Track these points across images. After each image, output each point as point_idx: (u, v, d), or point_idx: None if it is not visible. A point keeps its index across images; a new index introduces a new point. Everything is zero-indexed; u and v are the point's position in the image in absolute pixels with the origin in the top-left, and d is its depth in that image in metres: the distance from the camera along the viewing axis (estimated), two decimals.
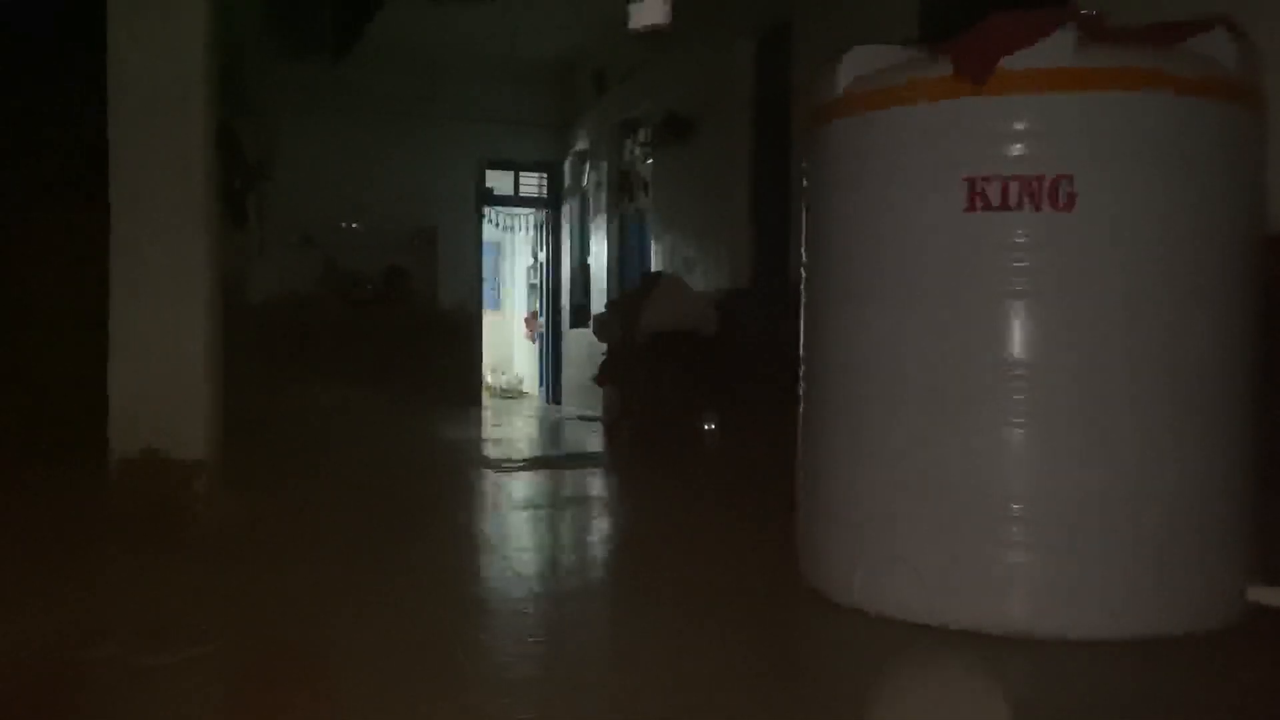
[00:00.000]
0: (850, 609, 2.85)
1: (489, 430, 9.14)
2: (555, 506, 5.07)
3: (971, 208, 2.59)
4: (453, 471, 6.50)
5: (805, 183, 3.22)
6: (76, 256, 4.35)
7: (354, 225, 10.58)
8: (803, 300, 3.22)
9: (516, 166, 11.95)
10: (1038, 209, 2.53)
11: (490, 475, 6.08)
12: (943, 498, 2.70)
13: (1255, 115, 2.72)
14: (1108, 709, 2.23)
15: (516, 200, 12.36)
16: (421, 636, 2.71)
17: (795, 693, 2.42)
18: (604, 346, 7.68)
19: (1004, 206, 2.55)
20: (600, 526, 4.58)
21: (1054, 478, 2.62)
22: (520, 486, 5.60)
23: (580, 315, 11.03)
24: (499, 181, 11.88)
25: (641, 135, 9.23)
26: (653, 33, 4.58)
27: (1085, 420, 2.60)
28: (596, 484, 5.90)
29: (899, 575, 2.75)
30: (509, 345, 14.79)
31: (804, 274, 3.21)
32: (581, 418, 9.62)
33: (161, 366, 4.05)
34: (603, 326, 7.72)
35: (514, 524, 4.60)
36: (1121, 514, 2.59)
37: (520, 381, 14.30)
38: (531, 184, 12.20)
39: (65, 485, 4.15)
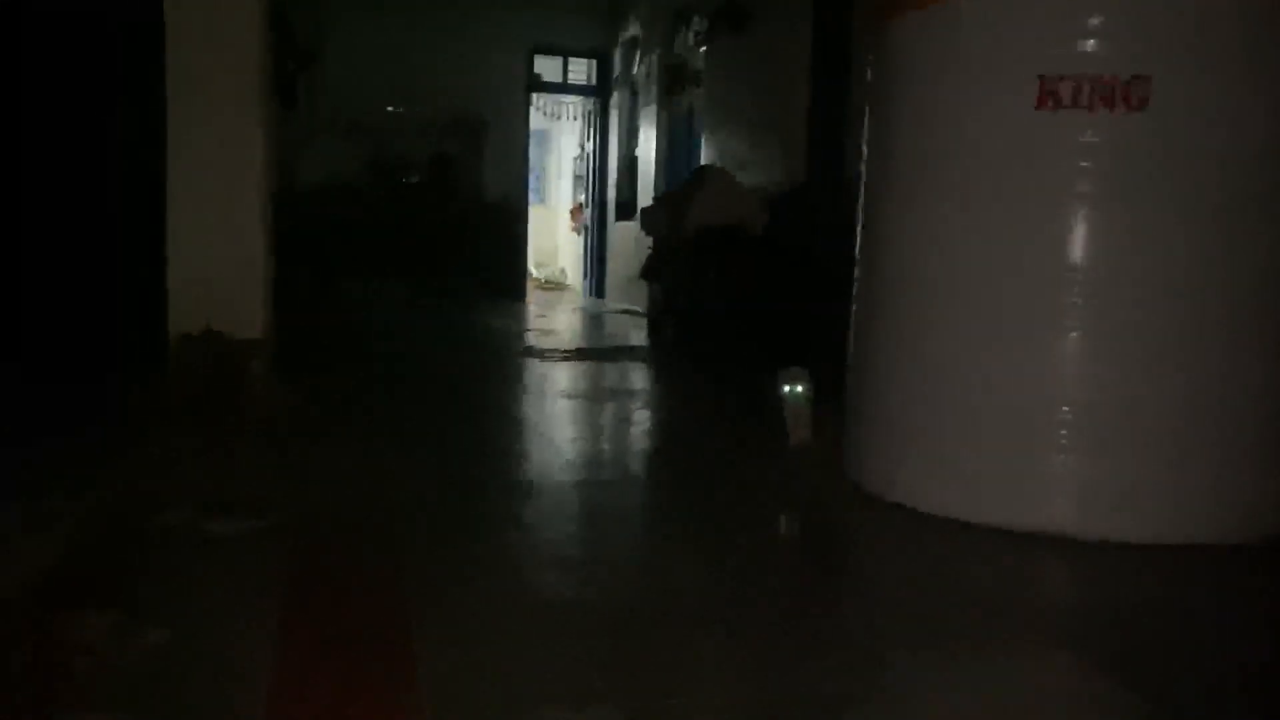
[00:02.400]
0: (892, 505, 2.90)
1: (533, 322, 9.21)
2: (599, 397, 5.14)
3: (1042, 105, 2.53)
4: (499, 360, 6.59)
5: (869, 78, 3.15)
6: (133, 141, 4.37)
7: (401, 110, 10.51)
8: (860, 200, 3.19)
9: (566, 52, 11.75)
10: (1111, 109, 2.47)
11: (535, 365, 6.15)
12: (991, 399, 2.71)
13: None
14: (1141, 611, 2.27)
15: (564, 88, 12.18)
16: (474, 514, 2.81)
17: (831, 578, 2.49)
18: (650, 240, 7.65)
19: (1075, 105, 2.49)
20: (643, 418, 4.64)
21: (1106, 384, 2.61)
22: (565, 376, 5.67)
23: (626, 208, 10.96)
24: (547, 68, 11.70)
25: (696, 24, 9.00)
26: None
27: (1141, 328, 2.58)
28: (640, 377, 5.96)
29: (943, 473, 2.78)
30: (553, 237, 14.76)
31: (863, 173, 3.18)
32: (625, 312, 9.65)
33: (218, 248, 4.12)
34: (649, 220, 7.68)
35: (559, 412, 4.67)
36: (1172, 421, 2.58)
37: (564, 274, 14.32)
38: (580, 71, 12.00)
39: (126, 365, 4.26)
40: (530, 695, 1.70)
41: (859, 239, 3.19)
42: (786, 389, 3.46)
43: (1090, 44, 2.50)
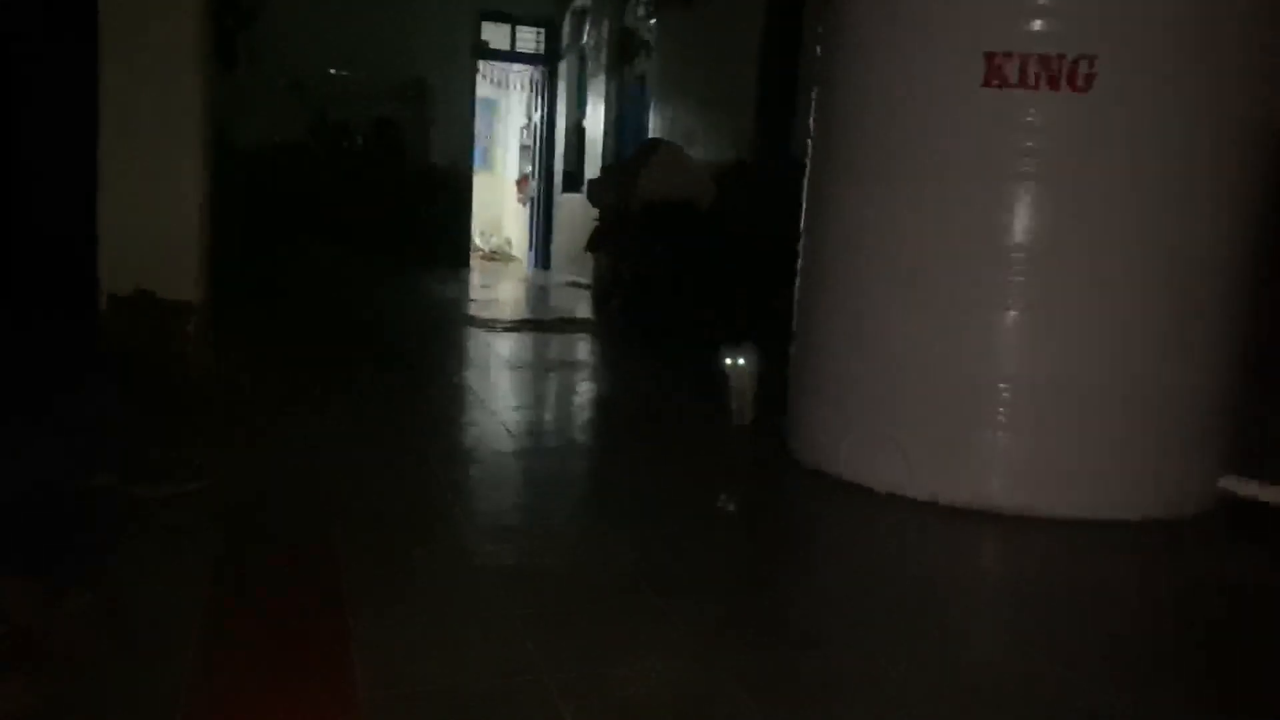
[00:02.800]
0: (833, 478, 2.92)
1: (477, 292, 9.12)
2: (543, 368, 5.11)
3: (988, 84, 2.54)
4: (442, 329, 6.51)
5: (817, 53, 3.14)
6: (66, 96, 4.22)
7: (344, 74, 10.29)
8: (807, 174, 3.19)
9: (513, 20, 11.58)
10: (1055, 89, 2.49)
11: (479, 335, 6.09)
12: (932, 376, 2.74)
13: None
14: (1070, 582, 2.32)
15: (512, 55, 12.01)
16: (414, 482, 2.77)
17: (769, 550, 2.50)
18: (597, 212, 7.60)
19: (1021, 84, 2.51)
20: (586, 389, 4.62)
21: (1044, 362, 2.65)
22: (509, 347, 5.63)
23: (573, 180, 10.87)
24: (495, 35, 11.52)
25: None
26: None
27: (1080, 307, 2.62)
28: (585, 349, 5.94)
29: (884, 449, 2.80)
30: (499, 207, 14.61)
31: (810, 147, 3.17)
32: (571, 284, 9.60)
33: (152, 207, 4.00)
34: (597, 192, 7.62)
35: (502, 382, 4.63)
36: (1107, 400, 2.63)
37: (509, 245, 14.19)
38: (529, 39, 11.84)
39: (56, 326, 4.13)
40: (463, 663, 1.68)
41: (804, 215, 3.20)
42: (730, 363, 3.46)
43: (1037, 23, 2.51)
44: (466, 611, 1.92)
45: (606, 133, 9.95)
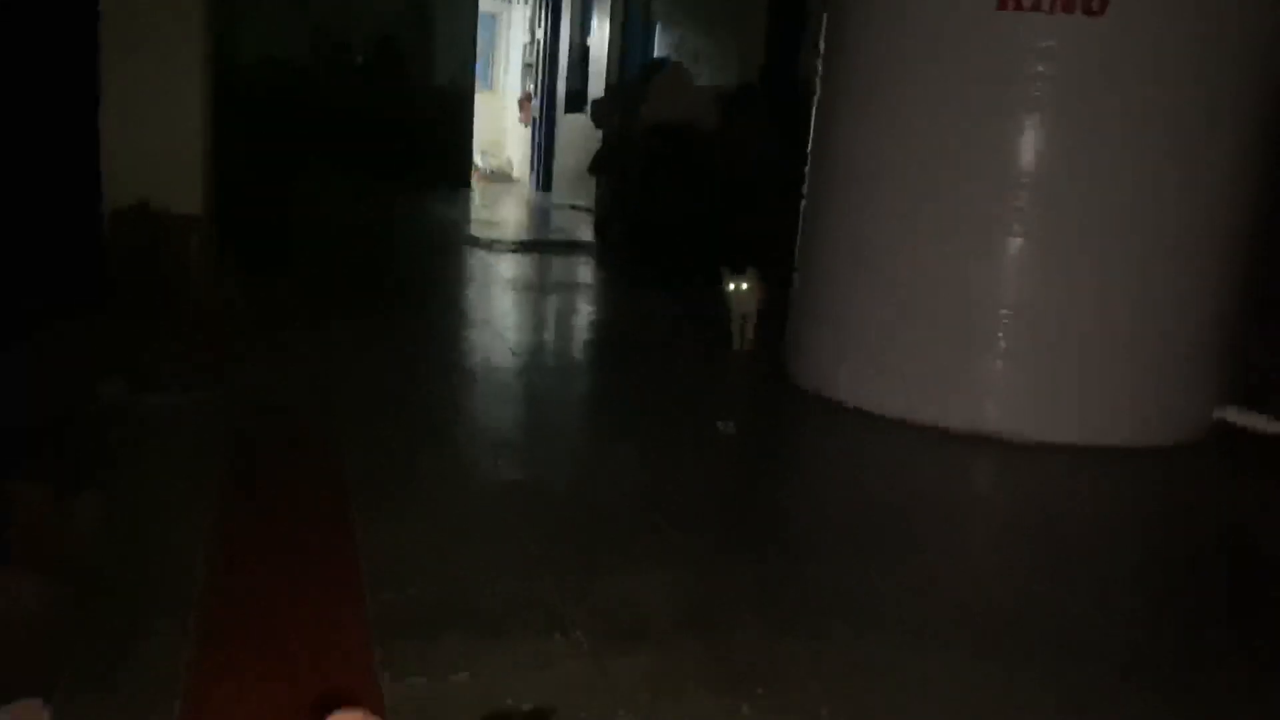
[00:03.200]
0: (832, 402, 2.95)
1: (478, 213, 9.07)
2: (544, 290, 5.12)
3: (1003, 6, 2.50)
4: (443, 250, 6.50)
5: None
6: (66, 7, 4.14)
7: None
8: (815, 99, 3.16)
9: None
10: (1070, 12, 2.45)
11: (481, 255, 6.08)
12: (934, 302, 2.74)
13: None
14: (1063, 506, 2.36)
15: None
16: (417, 397, 2.80)
17: (767, 471, 2.54)
18: (600, 134, 7.52)
19: (1036, 7, 2.47)
20: (587, 311, 4.64)
21: (1046, 289, 2.66)
22: (510, 268, 5.63)
23: (577, 100, 10.73)
24: None
25: None
26: None
27: (1085, 235, 2.62)
28: (586, 272, 5.93)
29: (883, 372, 2.82)
30: (500, 127, 14.44)
31: (819, 71, 3.14)
32: (573, 207, 9.54)
33: (155, 120, 3.96)
34: (600, 113, 7.54)
35: (504, 302, 4.65)
36: (1107, 329, 2.65)
37: (510, 165, 14.06)
38: None
39: (60, 239, 4.12)
40: (468, 570, 1.72)
41: (811, 140, 3.17)
42: (731, 287, 3.47)
43: None
44: (471, 522, 1.96)
45: (611, 52, 9.79)
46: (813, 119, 3.16)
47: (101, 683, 1.32)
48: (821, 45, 3.14)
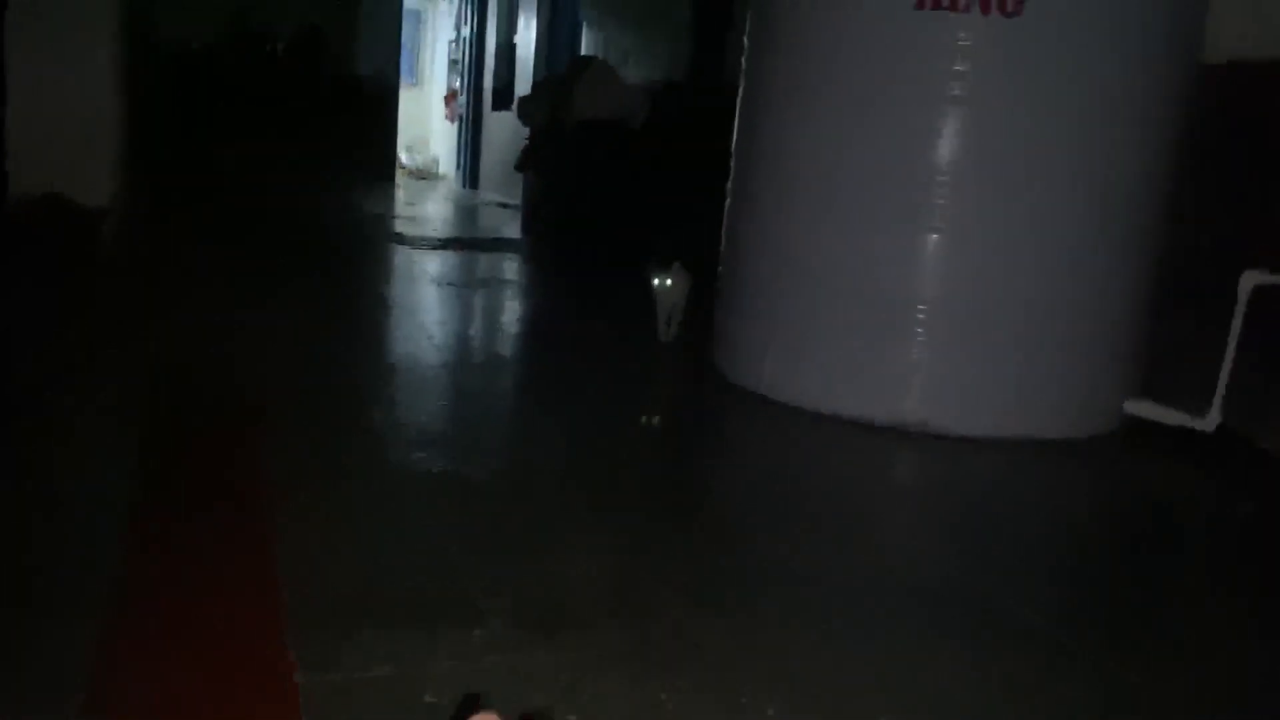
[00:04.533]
0: (756, 395, 2.97)
1: (403, 209, 8.96)
2: (470, 285, 5.08)
3: (920, 5, 2.55)
4: (367, 245, 6.41)
5: None
6: None
7: None
8: (740, 95, 3.18)
9: None
10: (985, 11, 2.51)
11: (405, 251, 6.01)
12: (854, 296, 2.78)
13: None
14: (979, 493, 2.42)
15: None
16: (338, 391, 2.76)
17: (692, 462, 2.56)
18: (527, 131, 7.48)
19: (952, 6, 2.52)
20: (513, 306, 4.61)
21: (962, 283, 2.71)
22: (435, 264, 5.57)
23: (503, 97, 10.65)
24: None
25: None
26: None
27: (1001, 230, 2.68)
28: (512, 268, 5.90)
29: (805, 365, 2.86)
30: (425, 123, 14.28)
31: (744, 67, 3.16)
32: (500, 204, 9.48)
33: (63, 108, 3.85)
34: (528, 109, 7.49)
35: (429, 297, 4.60)
36: (1020, 324, 2.71)
37: (436, 162, 13.92)
38: None
39: None
40: (387, 563, 1.70)
41: (735, 135, 3.20)
42: (656, 280, 3.47)
43: None
44: (391, 514, 1.93)
45: (538, 50, 9.75)
46: (737, 115, 3.19)
47: (2, 672, 1.27)
48: (745, 43, 3.16)
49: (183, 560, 1.65)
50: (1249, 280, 2.58)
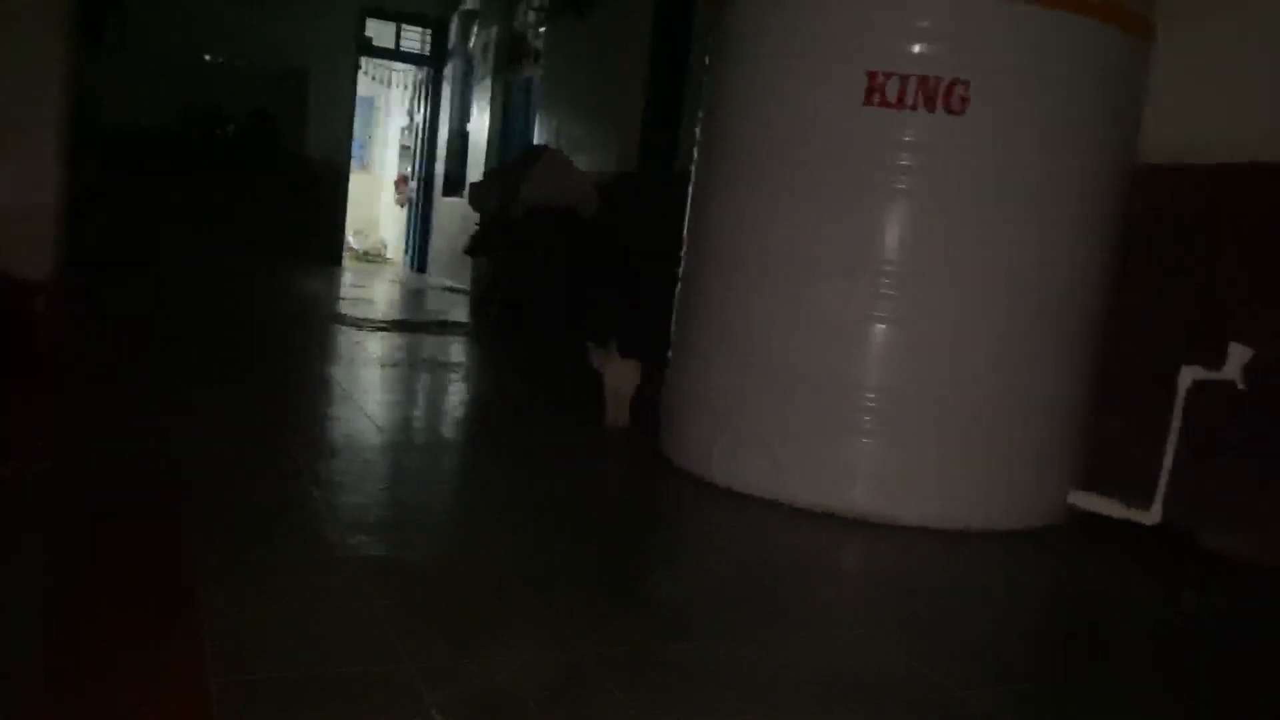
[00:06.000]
0: (704, 482, 2.95)
1: (349, 291, 8.91)
2: (414, 367, 5.02)
3: (869, 102, 2.62)
4: (311, 326, 6.33)
5: (706, 63, 3.19)
6: None
7: (220, 59, 9.94)
8: (691, 184, 3.23)
9: (400, 18, 11.40)
10: (931, 110, 2.58)
11: (349, 333, 5.94)
12: (802, 384, 2.79)
13: (1146, 45, 2.83)
14: (925, 584, 2.40)
15: (396, 54, 11.82)
16: (274, 473, 2.68)
17: (637, 549, 2.51)
18: (478, 216, 7.52)
19: (900, 104, 2.59)
20: (458, 389, 4.56)
21: (908, 373, 2.74)
22: (380, 346, 5.51)
23: (454, 183, 10.74)
24: (379, 32, 11.32)
25: (537, 1, 8.90)
26: None
27: (945, 323, 2.72)
28: (459, 351, 5.86)
29: (753, 454, 2.84)
30: (375, 208, 14.31)
31: (695, 157, 3.21)
32: (448, 289, 9.47)
33: (3, 180, 3.77)
34: (479, 195, 7.54)
35: (372, 379, 4.53)
36: (966, 414, 2.74)
37: (384, 246, 13.92)
38: (414, 39, 11.67)
39: None
40: (322, 651, 1.63)
41: (686, 224, 3.24)
42: (605, 366, 3.46)
43: (917, 46, 2.61)
44: (328, 601, 1.86)
45: (491, 138, 9.87)
46: (689, 203, 3.22)
47: None
48: (698, 133, 3.22)
49: (105, 650, 1.56)
50: (1187, 375, 2.63)
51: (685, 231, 3.24)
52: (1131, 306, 2.92)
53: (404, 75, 12.67)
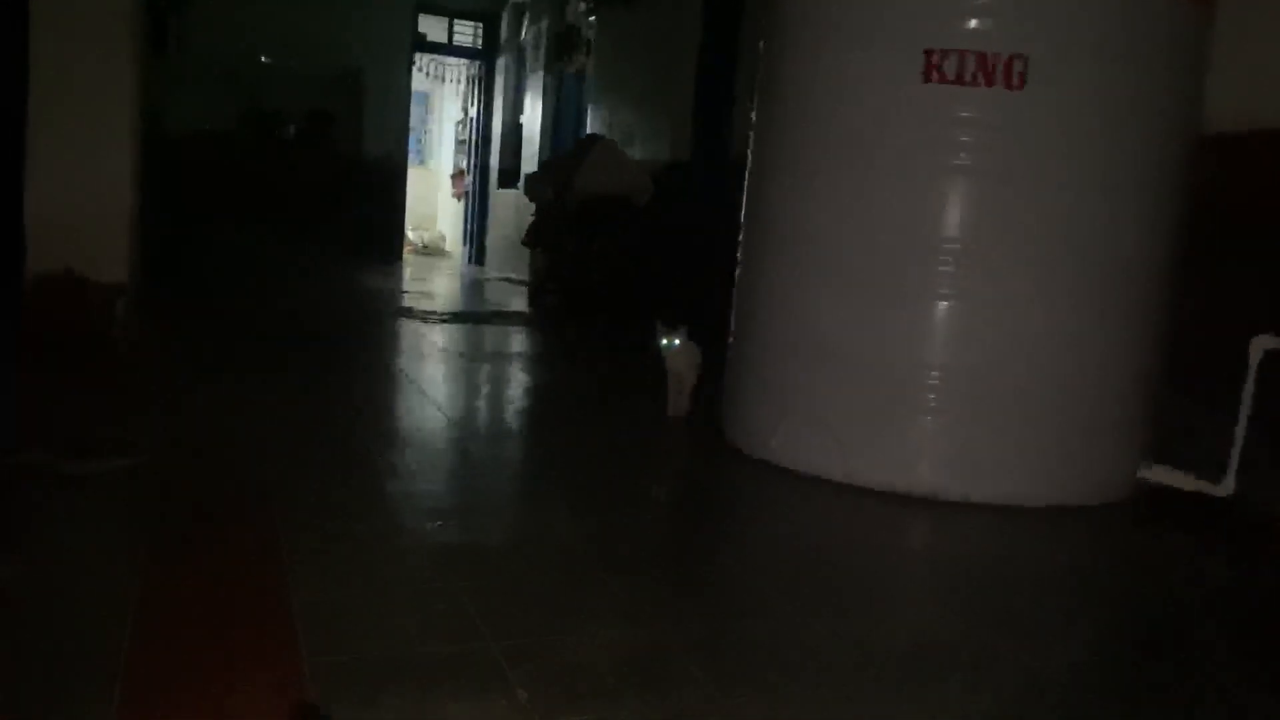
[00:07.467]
0: (767, 465, 2.97)
1: (411, 285, 9.05)
2: (478, 358, 5.10)
3: (927, 79, 2.61)
4: (376, 319, 6.46)
5: (760, 48, 3.20)
6: None
7: (277, 62, 10.14)
8: (748, 169, 3.24)
9: (451, 13, 11.52)
10: (990, 85, 2.57)
11: (414, 325, 6.05)
12: (865, 365, 2.80)
13: (1207, 16, 2.78)
14: (994, 561, 2.40)
15: (449, 49, 11.94)
16: (351, 464, 2.76)
17: (704, 531, 2.54)
18: (534, 207, 7.60)
19: (958, 80, 2.59)
20: (523, 378, 4.63)
21: (972, 351, 2.73)
22: (444, 338, 5.60)
23: (509, 175, 10.84)
24: (432, 28, 11.45)
25: None
26: None
27: (1009, 299, 2.70)
28: (520, 341, 5.94)
29: (817, 436, 2.86)
30: (433, 202, 14.50)
31: (751, 142, 3.23)
32: (506, 280, 9.58)
33: (82, 188, 3.91)
34: (534, 186, 7.62)
35: (438, 370, 4.62)
36: (1031, 391, 2.73)
37: (443, 240, 14.09)
38: (466, 33, 11.79)
39: None
40: (407, 632, 1.69)
41: (744, 209, 3.25)
42: (665, 342, 3.48)
43: (974, 22, 2.60)
44: (410, 584, 1.92)
45: (544, 129, 9.94)
46: (745, 188, 3.24)
47: None
48: (753, 117, 3.23)
49: (201, 634, 1.64)
50: (1259, 345, 2.59)
51: (743, 215, 3.26)
52: (1200, 277, 2.88)
53: (457, 69, 12.79)
